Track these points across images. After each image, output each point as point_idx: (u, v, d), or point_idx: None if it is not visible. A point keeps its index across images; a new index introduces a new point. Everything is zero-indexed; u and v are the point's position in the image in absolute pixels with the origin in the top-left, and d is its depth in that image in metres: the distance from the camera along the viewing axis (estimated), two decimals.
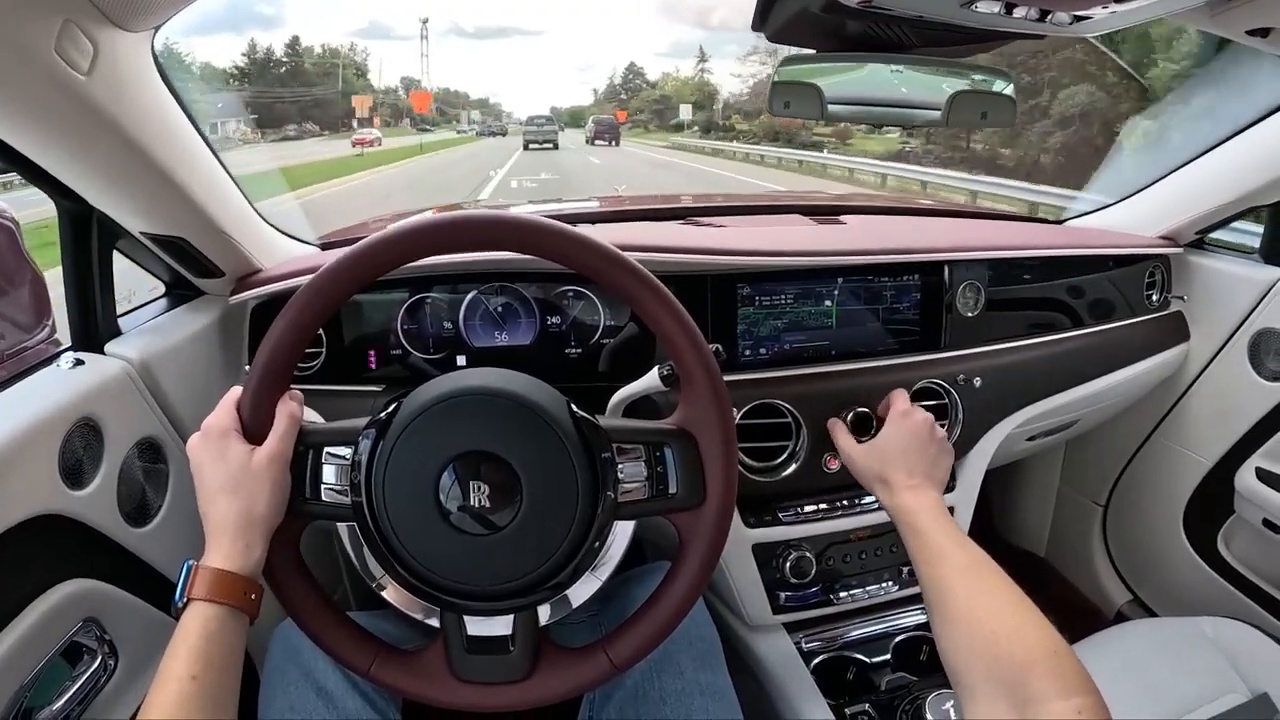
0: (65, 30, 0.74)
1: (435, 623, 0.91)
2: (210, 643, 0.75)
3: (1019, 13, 0.87)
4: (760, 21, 1.01)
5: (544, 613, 0.91)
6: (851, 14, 0.91)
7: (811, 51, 1.03)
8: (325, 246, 1.46)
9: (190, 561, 0.79)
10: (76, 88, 0.79)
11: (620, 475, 0.85)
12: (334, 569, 1.64)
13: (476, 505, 0.81)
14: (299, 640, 1.04)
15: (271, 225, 1.33)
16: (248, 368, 1.27)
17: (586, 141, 41.03)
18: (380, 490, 0.81)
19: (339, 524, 0.91)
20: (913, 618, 1.43)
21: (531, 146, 36.57)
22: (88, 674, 1.02)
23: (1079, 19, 0.91)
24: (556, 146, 36.73)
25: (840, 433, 1.20)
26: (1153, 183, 1.73)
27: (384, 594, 0.93)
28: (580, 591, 0.93)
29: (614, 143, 40.09)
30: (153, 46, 0.90)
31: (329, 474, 0.85)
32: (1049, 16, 0.90)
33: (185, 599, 0.77)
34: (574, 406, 0.86)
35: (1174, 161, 1.68)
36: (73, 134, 0.87)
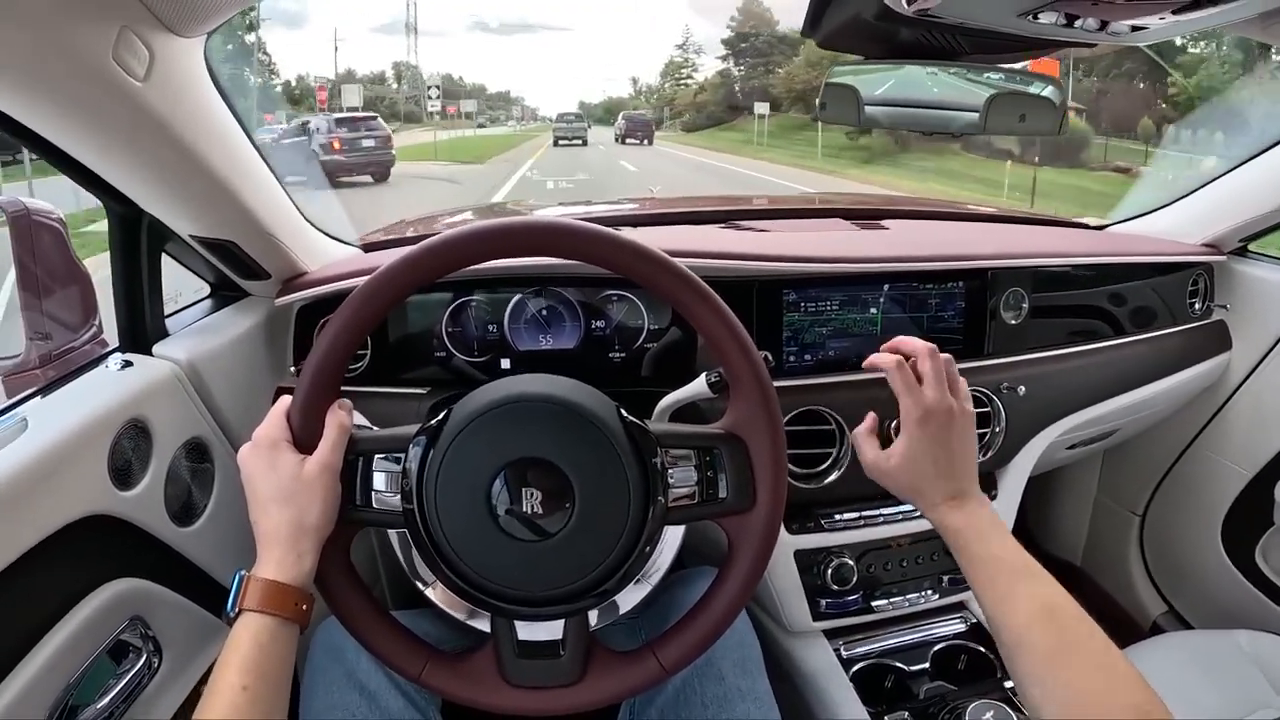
0: (122, 37, 0.74)
1: (476, 623, 0.91)
2: (262, 654, 0.75)
3: (1079, 23, 0.87)
4: (811, 27, 1.01)
5: (592, 617, 0.91)
6: (905, 21, 0.90)
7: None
8: (367, 248, 1.46)
9: (242, 571, 0.79)
10: (133, 94, 0.80)
11: (670, 480, 0.85)
12: (370, 568, 1.65)
13: (529, 512, 0.81)
14: (341, 640, 1.05)
15: (315, 226, 1.33)
16: (293, 369, 1.29)
17: (616, 140, 39.25)
18: (432, 498, 0.81)
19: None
20: (951, 626, 1.43)
21: (561, 143, 36.34)
22: (132, 672, 1.03)
23: (1135, 29, 0.91)
24: (585, 143, 36.51)
25: (865, 443, 1.05)
26: (1196, 189, 1.71)
27: (429, 594, 0.94)
28: (629, 596, 0.93)
29: (646, 141, 38.15)
30: (205, 51, 0.91)
31: (379, 481, 0.85)
32: (1107, 26, 0.89)
33: (237, 609, 0.77)
34: (623, 411, 0.87)
35: (1217, 167, 1.66)
36: (127, 139, 0.88)
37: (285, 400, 0.85)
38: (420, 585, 0.93)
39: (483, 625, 0.93)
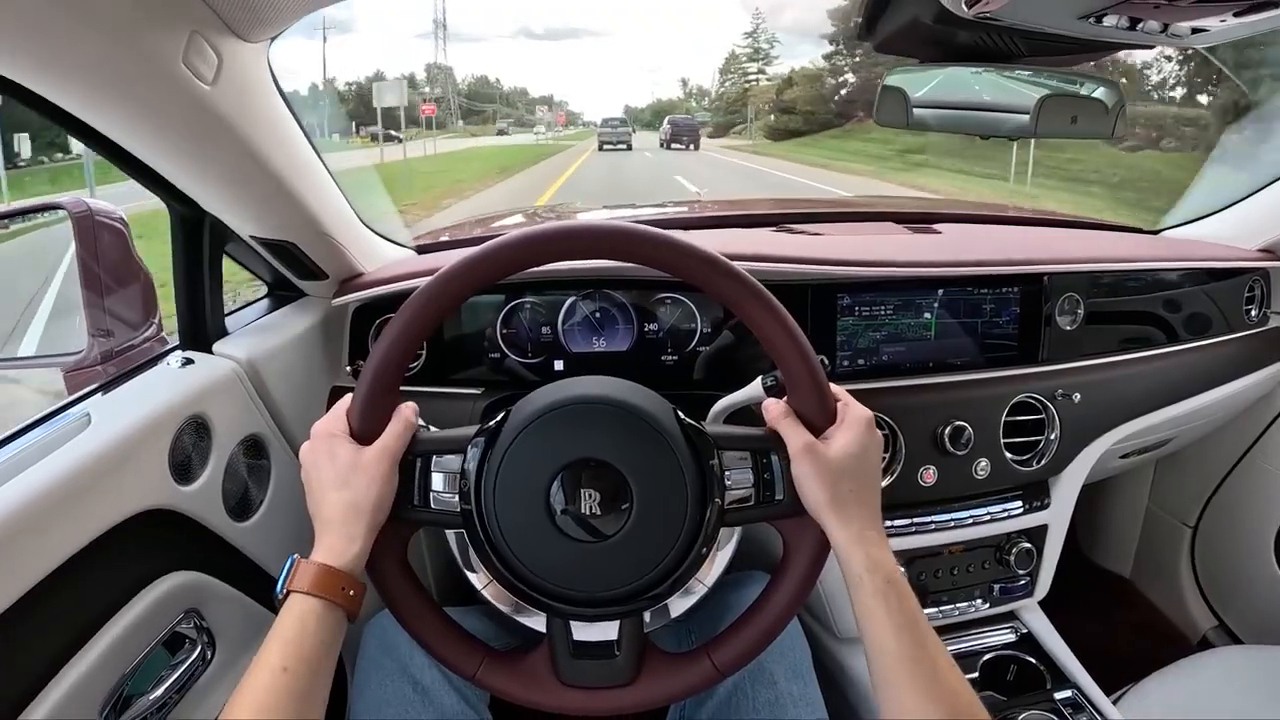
0: (192, 42, 0.76)
1: (524, 619, 0.92)
2: (305, 635, 0.75)
3: (1141, 25, 0.86)
4: (866, 31, 1.01)
5: (646, 618, 0.91)
6: (963, 25, 0.90)
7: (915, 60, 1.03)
8: (421, 250, 1.48)
9: (295, 556, 0.80)
10: (201, 97, 0.81)
11: (727, 482, 0.85)
12: (417, 564, 1.66)
13: (587, 513, 0.82)
14: (395, 635, 1.06)
15: (370, 228, 1.35)
16: (348, 369, 1.30)
17: (661, 145, 38.13)
18: (490, 498, 0.82)
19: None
20: (1001, 636, 1.41)
21: (605, 148, 36.29)
22: (186, 664, 1.04)
23: (1196, 30, 0.89)
24: (630, 148, 36.47)
25: (791, 426, 0.87)
26: (1252, 193, 1.67)
27: (476, 581, 0.94)
28: (681, 599, 0.92)
29: (692, 146, 36.61)
30: (268, 56, 0.93)
31: (438, 482, 0.85)
32: (1168, 28, 0.88)
33: (285, 591, 0.78)
34: (680, 414, 0.87)
35: (1274, 171, 1.63)
36: (194, 142, 0.90)
37: (346, 399, 0.86)
38: (471, 575, 0.93)
39: (531, 621, 0.93)
